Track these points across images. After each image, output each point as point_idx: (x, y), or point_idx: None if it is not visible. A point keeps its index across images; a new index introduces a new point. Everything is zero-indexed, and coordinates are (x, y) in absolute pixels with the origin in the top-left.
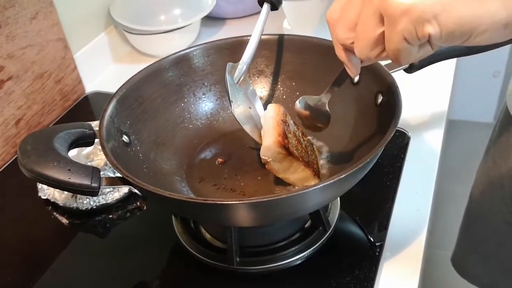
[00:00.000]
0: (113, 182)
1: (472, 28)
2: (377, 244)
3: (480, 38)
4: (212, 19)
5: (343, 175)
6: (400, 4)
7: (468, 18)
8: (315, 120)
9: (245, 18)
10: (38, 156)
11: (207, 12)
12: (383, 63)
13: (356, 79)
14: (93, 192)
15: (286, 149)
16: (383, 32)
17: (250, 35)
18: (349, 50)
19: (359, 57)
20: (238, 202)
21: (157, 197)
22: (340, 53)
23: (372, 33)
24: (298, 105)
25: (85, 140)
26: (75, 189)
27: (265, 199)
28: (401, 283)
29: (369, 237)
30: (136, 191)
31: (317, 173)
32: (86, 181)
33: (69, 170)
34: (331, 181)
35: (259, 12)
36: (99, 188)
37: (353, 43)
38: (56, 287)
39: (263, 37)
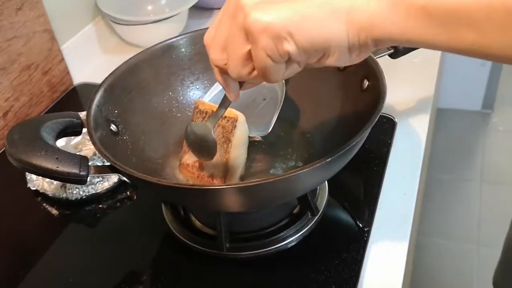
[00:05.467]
0: (102, 170)
1: (324, 48)
2: (364, 228)
3: (331, 59)
4: (199, 9)
5: (329, 159)
6: (258, 21)
7: (319, 38)
8: (202, 147)
9: None
10: (26, 146)
11: (194, 2)
12: None
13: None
14: (81, 180)
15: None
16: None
17: None
18: (225, 72)
19: (233, 77)
20: (224, 187)
21: (146, 184)
22: (217, 76)
23: (240, 50)
24: (186, 131)
25: (73, 130)
26: (64, 178)
27: (251, 184)
28: (388, 266)
29: (357, 222)
30: (125, 179)
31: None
32: (74, 170)
33: (57, 159)
34: (318, 165)
35: None
36: (88, 176)
37: (226, 64)
38: (47, 277)
39: None
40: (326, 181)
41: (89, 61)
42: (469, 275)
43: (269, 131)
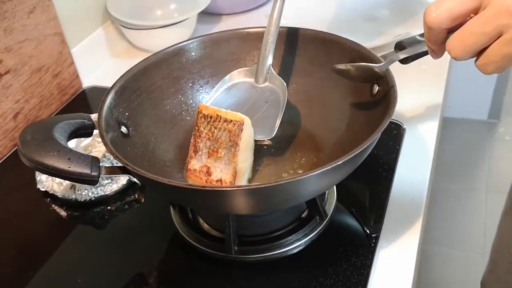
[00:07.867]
0: (113, 171)
1: None
2: (372, 234)
3: None
4: (208, 14)
5: (340, 162)
6: None
7: None
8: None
9: (241, 14)
10: (38, 146)
11: (203, 7)
12: (378, 53)
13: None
14: (93, 181)
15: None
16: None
17: (246, 28)
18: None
19: (453, 42)
20: (235, 188)
21: (157, 185)
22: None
23: (479, 40)
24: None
25: (84, 131)
26: (75, 178)
27: (261, 186)
28: (397, 271)
29: (365, 227)
30: (135, 180)
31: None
32: (86, 170)
33: (69, 159)
34: (328, 168)
35: (255, 8)
36: (99, 176)
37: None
38: (54, 278)
39: (259, 30)
40: (334, 186)
41: (98, 65)
42: (474, 285)
43: (274, 134)
